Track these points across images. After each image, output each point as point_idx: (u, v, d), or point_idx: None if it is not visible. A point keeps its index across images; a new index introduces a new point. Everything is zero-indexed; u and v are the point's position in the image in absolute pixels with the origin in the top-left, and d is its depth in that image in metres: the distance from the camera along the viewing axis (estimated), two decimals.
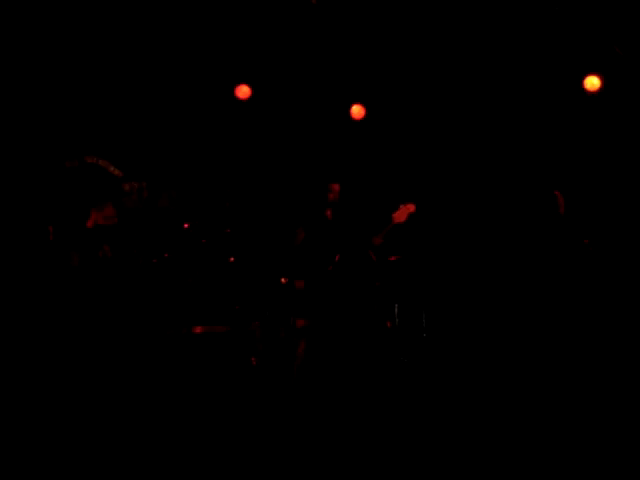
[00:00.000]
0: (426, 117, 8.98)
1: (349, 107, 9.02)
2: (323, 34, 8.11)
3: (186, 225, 7.24)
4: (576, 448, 5.06)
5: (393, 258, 7.84)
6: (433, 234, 8.53)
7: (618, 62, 8.13)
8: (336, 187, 7.32)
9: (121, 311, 6.91)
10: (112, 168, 7.30)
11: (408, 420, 6.07)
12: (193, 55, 8.13)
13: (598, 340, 7.11)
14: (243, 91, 8.65)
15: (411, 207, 7.21)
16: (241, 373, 7.50)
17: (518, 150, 8.72)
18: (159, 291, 7.44)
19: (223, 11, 7.73)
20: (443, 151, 8.92)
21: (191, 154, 8.62)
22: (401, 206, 7.20)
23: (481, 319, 8.29)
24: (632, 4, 7.65)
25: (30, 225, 7.45)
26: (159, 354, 7.13)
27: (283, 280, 7.66)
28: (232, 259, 7.63)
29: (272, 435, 5.60)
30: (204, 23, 7.84)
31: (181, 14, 7.66)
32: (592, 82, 8.26)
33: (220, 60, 8.30)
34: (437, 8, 7.81)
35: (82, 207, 7.16)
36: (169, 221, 7.43)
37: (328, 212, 7.31)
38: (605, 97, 8.38)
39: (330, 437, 5.47)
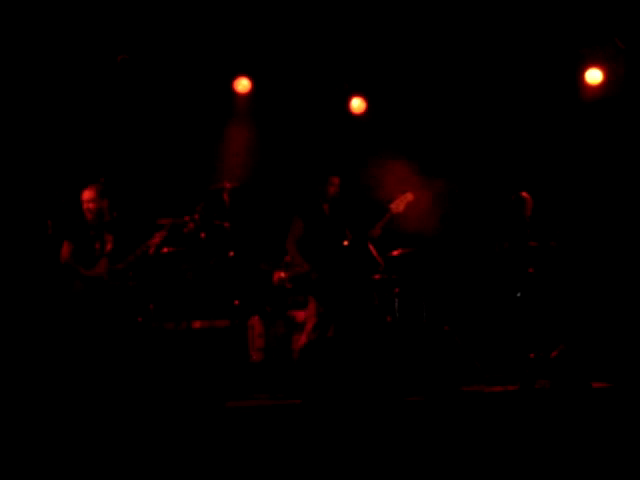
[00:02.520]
0: (425, 110, 8.97)
1: (349, 100, 9.03)
2: (324, 27, 8.07)
3: (186, 218, 7.20)
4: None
5: (394, 253, 7.82)
6: (434, 228, 8.50)
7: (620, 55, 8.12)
8: (336, 180, 7.30)
9: (119, 306, 6.89)
10: None
11: (408, 416, 6.03)
12: (192, 48, 8.10)
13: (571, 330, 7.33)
14: (243, 84, 8.64)
15: (409, 196, 7.17)
16: (240, 368, 7.48)
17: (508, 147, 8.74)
18: (158, 286, 7.43)
19: (221, 3, 7.69)
20: (440, 144, 8.91)
21: (188, 145, 8.60)
22: (399, 195, 7.16)
23: (480, 313, 8.31)
24: None
25: (29, 219, 7.45)
26: (158, 349, 7.11)
27: (282, 274, 7.65)
28: (231, 254, 7.59)
29: (271, 431, 5.57)
30: (202, 16, 7.80)
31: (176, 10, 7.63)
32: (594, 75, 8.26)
33: (220, 53, 8.28)
34: (436, 2, 7.78)
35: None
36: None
37: (325, 206, 7.29)
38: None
39: (331, 432, 5.43)
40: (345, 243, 7.11)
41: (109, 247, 6.96)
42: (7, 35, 7.39)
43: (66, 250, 6.85)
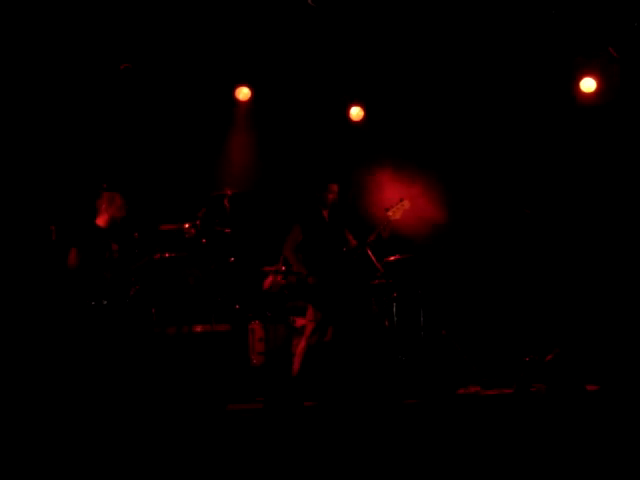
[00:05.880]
0: (423, 117, 9.03)
1: (348, 108, 9.09)
2: (321, 35, 8.13)
3: (187, 225, 7.26)
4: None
5: (392, 258, 7.88)
6: (432, 234, 8.57)
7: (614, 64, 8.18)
8: (335, 187, 7.37)
9: (122, 310, 6.95)
10: None
11: (405, 419, 6.09)
12: (195, 57, 8.17)
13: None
14: (243, 92, 8.71)
15: (406, 204, 7.25)
16: (241, 372, 7.53)
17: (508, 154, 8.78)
18: (160, 290, 7.47)
19: (222, 13, 7.75)
20: (439, 151, 8.96)
21: (189, 152, 8.66)
22: (396, 203, 7.25)
23: (478, 317, 8.36)
24: (628, 6, 7.69)
25: (33, 225, 7.50)
26: (160, 353, 7.15)
27: (282, 280, 7.72)
28: (232, 259, 7.67)
29: (272, 433, 5.62)
30: (203, 26, 7.86)
31: (178, 15, 7.69)
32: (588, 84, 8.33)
33: (221, 62, 8.34)
34: (433, 10, 7.84)
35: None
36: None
37: (325, 213, 7.36)
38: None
39: (330, 435, 5.47)
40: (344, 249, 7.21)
41: (116, 256, 7.01)
42: (15, 44, 7.45)
43: (74, 257, 6.90)
